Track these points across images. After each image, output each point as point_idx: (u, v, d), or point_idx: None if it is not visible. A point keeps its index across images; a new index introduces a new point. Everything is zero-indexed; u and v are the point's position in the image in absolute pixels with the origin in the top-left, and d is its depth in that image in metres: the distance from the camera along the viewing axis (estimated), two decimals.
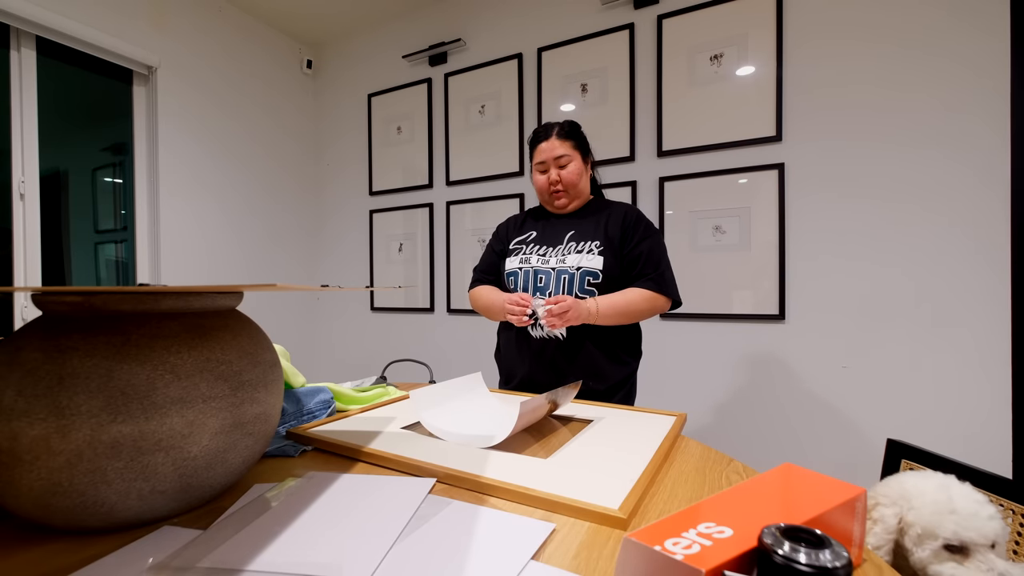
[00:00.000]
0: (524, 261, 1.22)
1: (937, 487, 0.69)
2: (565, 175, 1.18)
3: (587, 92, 2.06)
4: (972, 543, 0.64)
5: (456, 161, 2.40)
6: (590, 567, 0.39)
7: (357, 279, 2.75)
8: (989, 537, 0.63)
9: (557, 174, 1.19)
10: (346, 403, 0.90)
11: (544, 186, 1.22)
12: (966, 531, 0.64)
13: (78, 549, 0.42)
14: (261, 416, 0.51)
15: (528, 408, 0.68)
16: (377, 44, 2.67)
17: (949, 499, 0.67)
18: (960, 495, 0.67)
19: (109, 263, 2.16)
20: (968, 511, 0.65)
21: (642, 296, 1.12)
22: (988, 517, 0.65)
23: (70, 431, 0.40)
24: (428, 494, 0.52)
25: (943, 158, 1.50)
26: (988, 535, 0.63)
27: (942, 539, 0.65)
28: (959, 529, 0.64)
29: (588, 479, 0.55)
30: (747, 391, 1.78)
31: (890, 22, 1.56)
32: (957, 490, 0.68)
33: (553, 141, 1.19)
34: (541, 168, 1.22)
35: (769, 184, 1.73)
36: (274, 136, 2.68)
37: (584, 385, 1.10)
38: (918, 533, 0.67)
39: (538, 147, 1.22)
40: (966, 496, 0.67)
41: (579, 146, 1.21)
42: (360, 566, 0.38)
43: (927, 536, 0.66)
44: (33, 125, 1.85)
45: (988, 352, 1.45)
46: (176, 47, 2.23)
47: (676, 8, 1.87)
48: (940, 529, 0.65)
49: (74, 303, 0.44)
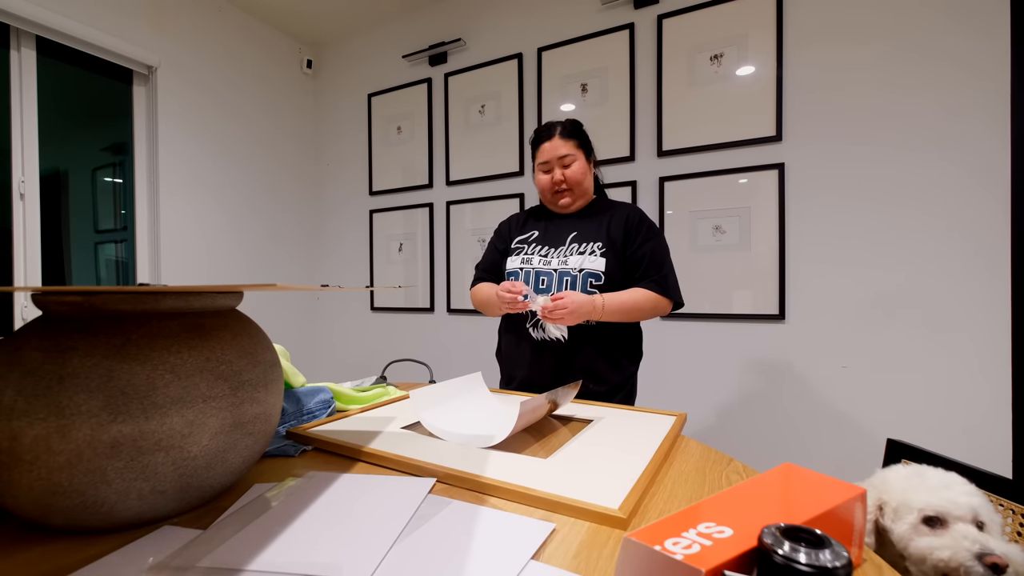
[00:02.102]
0: (526, 261, 1.21)
1: (912, 469, 0.73)
2: (570, 174, 1.18)
3: (587, 92, 2.06)
4: (947, 514, 0.65)
5: (456, 161, 2.40)
6: (590, 567, 0.39)
7: (357, 279, 2.75)
8: (965, 509, 0.64)
9: (561, 173, 1.18)
10: (346, 403, 0.90)
11: (548, 186, 1.20)
12: (939, 501, 0.65)
13: (78, 549, 0.42)
14: (261, 416, 0.51)
15: (528, 408, 0.68)
16: (377, 44, 2.67)
17: (920, 474, 0.70)
18: (933, 472, 0.70)
19: (109, 263, 2.16)
20: (940, 483, 0.68)
21: (646, 297, 1.12)
22: (963, 493, 0.66)
23: (70, 431, 0.40)
24: (428, 494, 0.52)
25: (943, 159, 1.50)
26: (963, 506, 0.65)
27: (916, 510, 0.66)
28: (931, 499, 0.66)
29: (588, 479, 0.55)
30: (747, 391, 1.78)
31: (890, 23, 1.56)
32: (931, 470, 0.71)
33: (556, 140, 1.18)
34: (544, 168, 1.21)
35: (769, 184, 1.73)
36: (274, 136, 2.67)
37: (584, 387, 1.10)
38: (893, 508, 0.69)
39: (541, 147, 1.20)
40: (940, 473, 0.70)
41: (582, 145, 1.20)
42: (360, 566, 0.38)
43: (902, 510, 0.68)
44: (33, 125, 1.85)
45: (988, 352, 1.45)
46: (176, 47, 2.23)
47: (676, 8, 1.87)
48: (913, 500, 0.67)
49: (74, 303, 0.44)
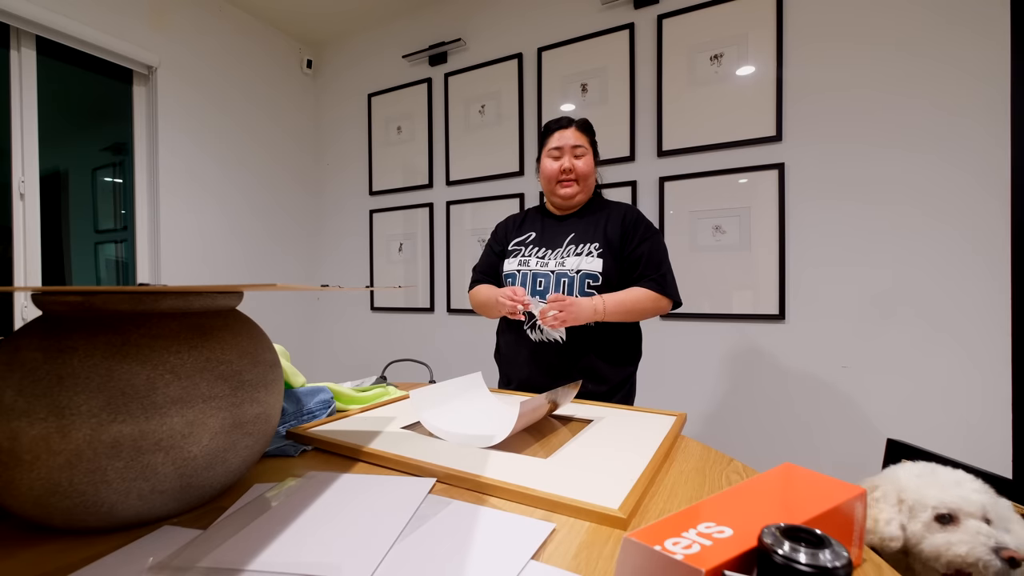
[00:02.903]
0: (523, 263, 1.21)
1: (923, 467, 0.74)
2: (580, 165, 1.19)
3: (587, 92, 2.06)
4: (959, 510, 0.66)
5: (456, 161, 2.40)
6: (590, 567, 0.39)
7: (357, 279, 2.75)
8: (976, 506, 0.66)
9: (571, 163, 1.19)
10: (346, 403, 0.90)
11: (554, 173, 1.20)
12: (951, 498, 0.66)
13: (78, 549, 0.42)
14: (261, 416, 0.51)
15: (528, 408, 0.68)
16: (377, 44, 2.67)
17: (933, 472, 0.72)
18: (944, 470, 0.72)
19: (109, 263, 2.16)
20: (951, 481, 0.69)
21: (646, 296, 1.12)
22: (973, 490, 0.67)
23: (70, 431, 0.40)
24: (428, 494, 0.52)
25: (943, 159, 1.50)
26: (975, 503, 0.66)
27: (930, 508, 0.67)
28: (943, 496, 0.67)
29: (588, 479, 0.55)
30: (747, 391, 1.78)
31: (890, 24, 1.56)
32: (942, 468, 0.73)
33: (572, 131, 1.20)
34: (555, 154, 1.21)
35: (769, 184, 1.73)
36: (274, 136, 2.67)
37: (583, 387, 1.10)
38: (910, 506, 0.69)
39: (554, 134, 1.22)
40: (951, 471, 0.72)
41: (592, 143, 1.23)
42: (360, 566, 0.38)
43: (917, 507, 0.69)
44: (33, 125, 1.85)
45: (987, 352, 1.45)
46: (176, 47, 2.22)
47: (676, 8, 1.87)
48: (927, 498, 0.68)
49: (74, 303, 0.44)
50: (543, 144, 1.25)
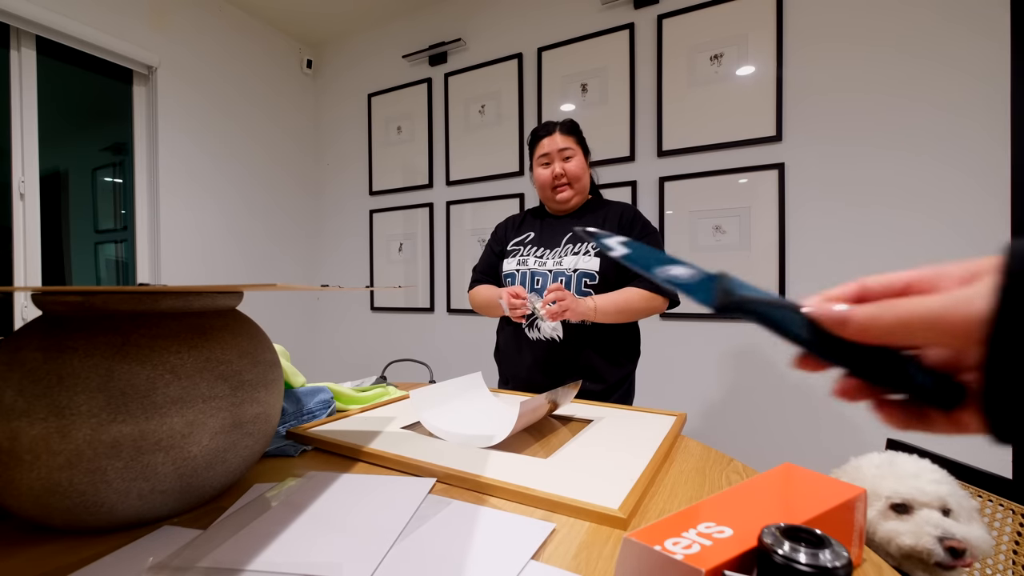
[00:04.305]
0: (521, 263, 1.21)
1: (883, 457, 0.75)
2: (570, 168, 1.19)
3: (587, 92, 2.06)
4: (914, 501, 0.67)
5: (456, 161, 2.40)
6: (590, 567, 0.39)
7: (357, 279, 2.75)
8: (932, 496, 0.67)
9: (562, 167, 1.19)
10: (346, 403, 0.90)
11: (547, 180, 1.21)
12: (906, 489, 0.68)
13: (78, 549, 0.42)
14: (261, 416, 0.51)
15: (528, 408, 0.68)
16: (377, 44, 2.67)
17: (891, 463, 0.73)
18: (905, 461, 0.72)
19: (109, 263, 2.16)
20: (908, 472, 0.70)
21: (640, 295, 1.12)
22: (931, 481, 0.68)
23: (70, 431, 0.40)
24: (428, 494, 0.52)
25: (943, 159, 1.50)
26: (931, 494, 0.67)
27: (884, 498, 0.69)
28: (898, 486, 0.68)
29: (588, 479, 0.55)
30: (747, 391, 1.78)
31: (890, 24, 1.56)
32: (903, 458, 0.73)
33: (557, 136, 1.20)
34: (544, 162, 1.22)
35: (769, 184, 1.73)
36: (274, 136, 2.67)
37: (582, 386, 1.10)
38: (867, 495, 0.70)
39: (541, 142, 1.22)
40: (910, 461, 0.72)
41: (580, 142, 1.22)
42: (360, 566, 0.38)
43: (872, 496, 0.70)
44: (33, 125, 1.85)
45: None
46: (176, 47, 2.22)
47: (676, 8, 1.87)
48: (881, 488, 0.69)
49: (74, 303, 0.44)
50: (531, 153, 1.26)
